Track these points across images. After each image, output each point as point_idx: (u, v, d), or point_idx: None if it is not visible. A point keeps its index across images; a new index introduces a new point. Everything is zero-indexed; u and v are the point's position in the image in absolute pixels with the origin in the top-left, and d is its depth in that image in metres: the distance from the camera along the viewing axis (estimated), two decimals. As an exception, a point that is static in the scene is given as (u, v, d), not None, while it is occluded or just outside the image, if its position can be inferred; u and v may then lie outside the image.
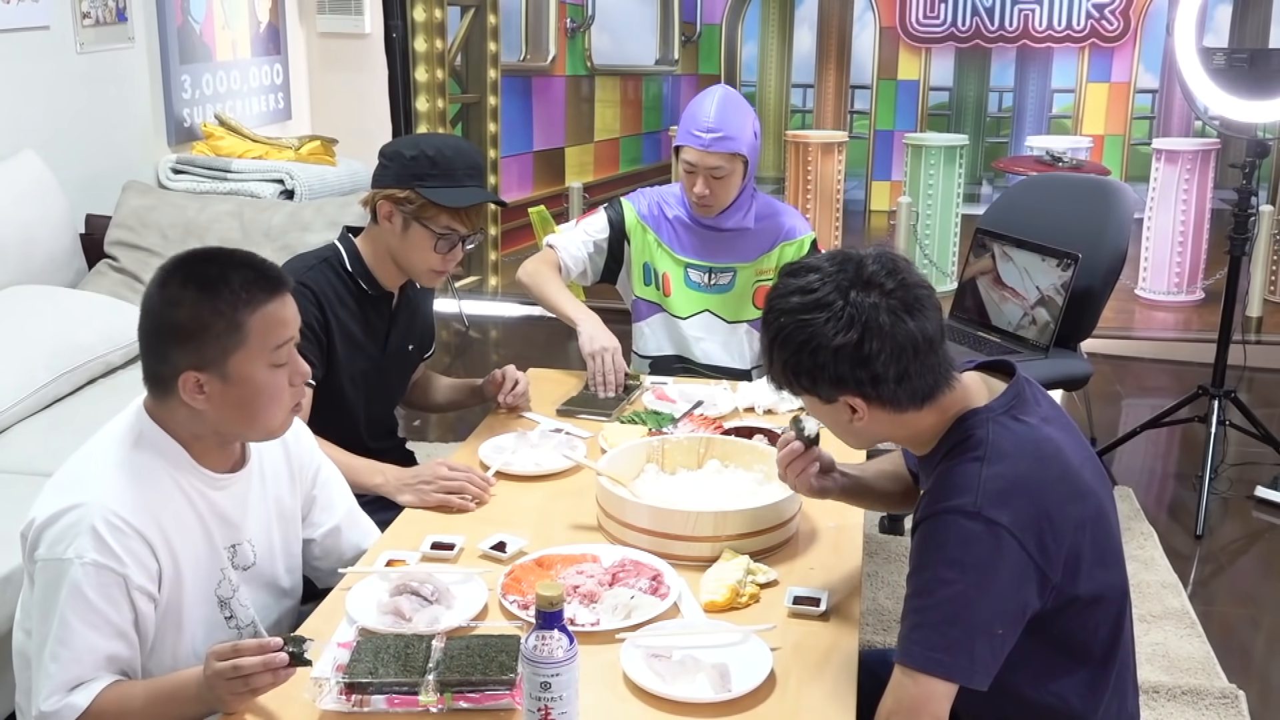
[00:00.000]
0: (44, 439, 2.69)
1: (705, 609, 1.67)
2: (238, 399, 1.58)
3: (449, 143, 2.29)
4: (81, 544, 1.51)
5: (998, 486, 1.43)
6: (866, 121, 6.11)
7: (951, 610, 1.41)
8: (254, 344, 1.57)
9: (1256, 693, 2.67)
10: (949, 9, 5.83)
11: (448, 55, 5.62)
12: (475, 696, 1.43)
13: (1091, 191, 3.57)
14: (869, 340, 1.44)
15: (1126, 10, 5.71)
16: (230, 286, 1.56)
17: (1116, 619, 1.54)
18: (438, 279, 2.31)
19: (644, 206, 2.81)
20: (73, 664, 1.51)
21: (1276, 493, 3.67)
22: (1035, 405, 1.55)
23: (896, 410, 1.50)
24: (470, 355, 5.24)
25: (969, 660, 1.40)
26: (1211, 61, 3.62)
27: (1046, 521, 1.43)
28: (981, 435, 1.48)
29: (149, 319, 1.60)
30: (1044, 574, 1.44)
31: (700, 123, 2.62)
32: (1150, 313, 5.69)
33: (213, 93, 4.56)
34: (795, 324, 1.48)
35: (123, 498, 1.55)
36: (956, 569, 1.41)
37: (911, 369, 1.47)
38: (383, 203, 2.21)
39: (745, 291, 2.79)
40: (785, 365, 1.51)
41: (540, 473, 2.14)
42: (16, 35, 3.56)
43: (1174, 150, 5.69)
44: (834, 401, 1.51)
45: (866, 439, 1.62)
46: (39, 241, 3.39)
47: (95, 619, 1.51)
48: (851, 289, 1.46)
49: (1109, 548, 1.54)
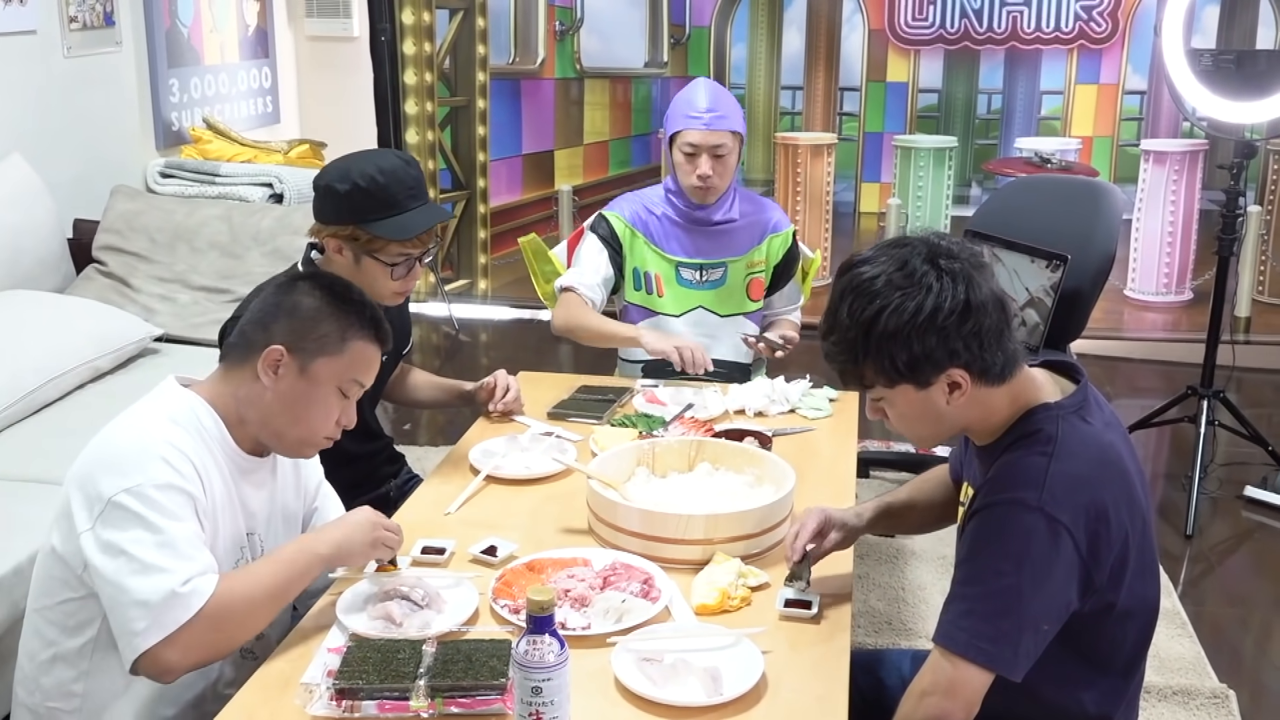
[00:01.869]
0: (33, 444, 2.68)
1: (696, 612, 1.67)
2: (298, 395, 1.67)
3: (383, 167, 2.09)
4: (152, 470, 1.55)
5: (1063, 484, 1.43)
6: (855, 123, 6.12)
7: (1004, 602, 1.41)
8: (343, 362, 1.69)
9: (1247, 692, 2.68)
10: (938, 11, 5.84)
11: (436, 58, 5.61)
12: (466, 701, 1.43)
13: (1080, 193, 3.57)
14: (975, 307, 1.41)
15: (1114, 12, 5.73)
16: (357, 311, 1.71)
17: (1144, 634, 1.55)
18: (400, 299, 2.24)
19: (628, 212, 2.83)
20: (183, 557, 1.52)
21: (1266, 492, 3.68)
22: (1099, 410, 1.55)
23: (990, 382, 1.46)
24: (460, 358, 5.23)
25: (1013, 653, 1.41)
26: (1199, 63, 3.64)
27: (1104, 525, 1.43)
28: (1051, 431, 1.47)
29: (275, 294, 1.71)
30: (1090, 575, 1.44)
31: (696, 106, 2.71)
32: (1139, 313, 5.71)
33: (201, 96, 4.55)
34: (895, 302, 1.41)
35: (176, 437, 1.60)
36: (1013, 561, 1.41)
37: (1005, 330, 1.45)
38: (329, 240, 2.11)
39: (737, 285, 2.83)
40: (883, 351, 1.43)
41: (531, 476, 2.13)
42: (4, 39, 3.54)
43: (1162, 151, 5.71)
44: (933, 383, 1.45)
45: (951, 425, 1.53)
46: (26, 246, 3.38)
47: (186, 529, 1.54)
48: (936, 257, 1.44)
49: (1149, 562, 1.54)
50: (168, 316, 3.42)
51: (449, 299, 5.51)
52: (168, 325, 3.36)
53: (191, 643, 1.50)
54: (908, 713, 1.45)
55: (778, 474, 1.98)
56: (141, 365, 3.18)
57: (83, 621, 1.60)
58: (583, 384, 2.63)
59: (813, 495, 2.02)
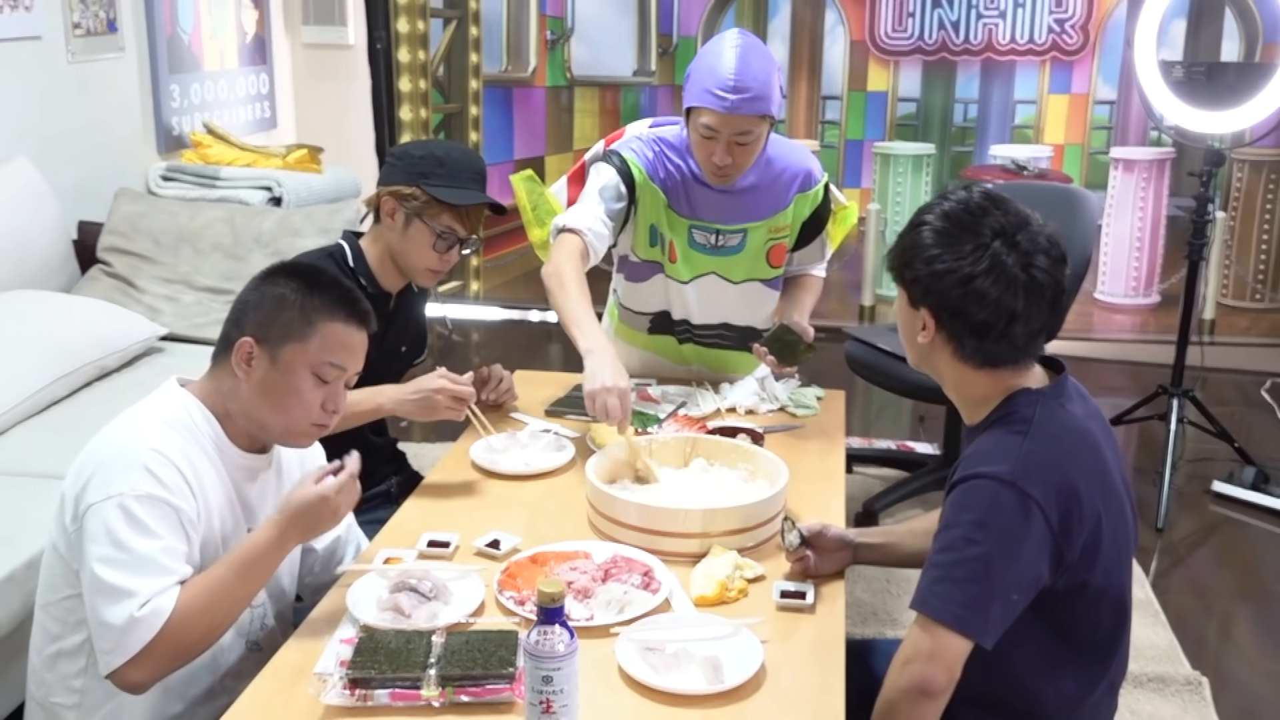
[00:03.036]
0: (40, 442, 2.66)
1: (695, 603, 1.67)
2: (272, 385, 1.64)
3: (456, 147, 2.30)
4: (134, 479, 1.53)
5: (1036, 462, 1.46)
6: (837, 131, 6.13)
7: (975, 569, 1.44)
8: (311, 346, 1.64)
9: (1213, 677, 2.70)
10: (916, 23, 5.86)
11: (430, 66, 5.60)
12: (476, 690, 1.43)
13: (1057, 199, 3.59)
14: (979, 284, 1.49)
15: (1085, 25, 5.76)
16: (323, 294, 1.66)
17: (1118, 618, 1.56)
18: (434, 278, 2.31)
19: (649, 164, 2.38)
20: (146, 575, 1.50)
21: (1232, 487, 3.71)
22: (1081, 400, 1.59)
23: (959, 358, 1.56)
24: (453, 358, 5.22)
25: (984, 618, 1.43)
26: (1171, 74, 3.66)
27: (1075, 504, 1.46)
28: (1028, 413, 1.52)
29: (248, 289, 1.69)
30: (1061, 551, 1.46)
31: (722, 79, 2.16)
32: (1109, 315, 5.75)
33: (201, 102, 4.52)
34: (935, 229, 1.53)
35: (166, 443, 1.59)
36: (984, 531, 1.44)
37: (994, 330, 1.51)
38: (387, 199, 2.22)
39: (758, 252, 2.46)
40: (902, 253, 1.57)
41: (530, 472, 2.13)
42: (9, 45, 3.52)
43: (1131, 159, 5.75)
44: (916, 308, 1.57)
45: (921, 357, 1.63)
46: (33, 247, 3.36)
47: (156, 543, 1.52)
48: (999, 238, 1.50)
49: (1125, 549, 1.57)
50: (172, 316, 3.40)
51: (443, 300, 5.50)
52: (172, 325, 3.34)
53: (155, 660, 1.50)
54: (893, 680, 1.47)
55: (771, 469, 1.99)
56: (147, 364, 3.16)
57: (82, 619, 1.59)
58: (578, 382, 2.62)
59: (805, 489, 2.03)
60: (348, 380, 1.71)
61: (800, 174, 2.43)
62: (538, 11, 6.17)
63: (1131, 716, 2.53)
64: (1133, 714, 2.53)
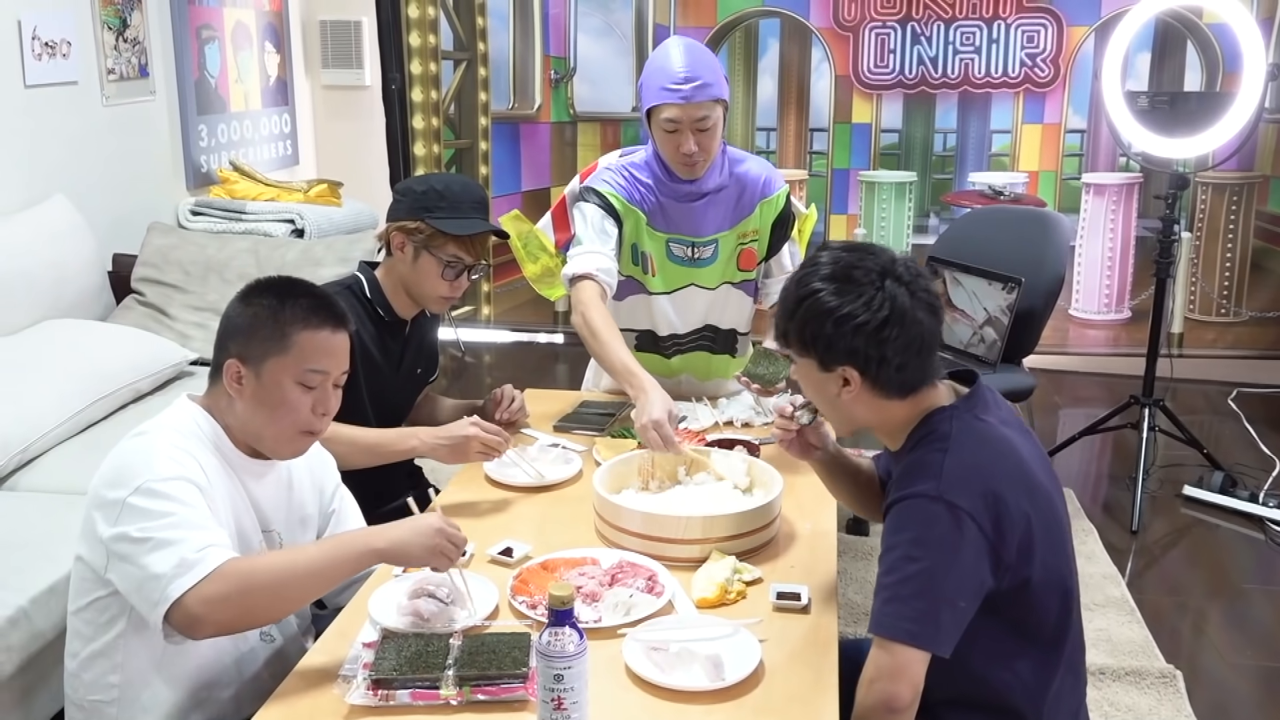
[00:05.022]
0: (78, 461, 2.67)
1: (697, 605, 1.68)
2: (262, 399, 1.63)
3: (456, 179, 2.30)
4: (156, 467, 1.53)
5: (958, 474, 1.46)
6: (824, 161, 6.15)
7: (919, 584, 1.43)
8: (292, 358, 1.62)
9: (1187, 670, 2.70)
10: (897, 59, 5.89)
11: (442, 105, 5.63)
12: (492, 689, 1.43)
13: (1031, 222, 3.62)
14: (892, 325, 1.49)
15: (1056, 59, 5.79)
16: (295, 304, 1.64)
17: (1065, 604, 1.56)
18: (446, 304, 2.32)
19: (625, 190, 2.44)
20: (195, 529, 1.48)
21: (1201, 491, 3.72)
22: (996, 408, 1.58)
23: (882, 395, 1.54)
24: (467, 378, 5.23)
25: (935, 629, 1.42)
26: (1136, 104, 3.69)
27: (1002, 507, 1.45)
28: (945, 429, 1.51)
29: (228, 312, 1.67)
30: (998, 554, 1.46)
31: (673, 75, 2.25)
32: (1083, 330, 5.75)
33: (227, 140, 4.55)
34: (830, 291, 1.51)
35: (180, 450, 1.58)
36: (922, 547, 1.44)
37: (912, 362, 1.52)
38: (395, 234, 2.23)
39: (729, 257, 2.50)
40: (805, 325, 1.53)
41: (540, 484, 2.14)
42: (48, 90, 3.55)
43: (1101, 184, 5.77)
44: (831, 370, 1.54)
45: (845, 417, 1.60)
46: (70, 279, 3.38)
47: (190, 510, 1.50)
48: (885, 277, 1.50)
49: (1059, 539, 1.56)
50: (202, 342, 3.41)
51: (456, 324, 5.51)
52: (202, 350, 3.35)
53: (214, 597, 1.43)
54: (861, 700, 1.45)
55: (766, 479, 2.00)
56: (178, 387, 3.17)
57: (113, 616, 1.60)
58: (584, 399, 2.63)
59: (798, 497, 2.03)
60: (336, 380, 1.68)
61: (761, 181, 2.49)
62: (542, 52, 6.20)
63: (1109, 708, 2.52)
64: (1111, 706, 2.53)
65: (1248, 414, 4.54)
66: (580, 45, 6.18)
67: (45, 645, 2.13)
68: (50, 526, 2.35)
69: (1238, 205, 5.56)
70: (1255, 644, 2.90)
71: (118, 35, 3.86)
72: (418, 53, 5.39)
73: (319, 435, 1.70)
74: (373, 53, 5.17)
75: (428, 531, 1.57)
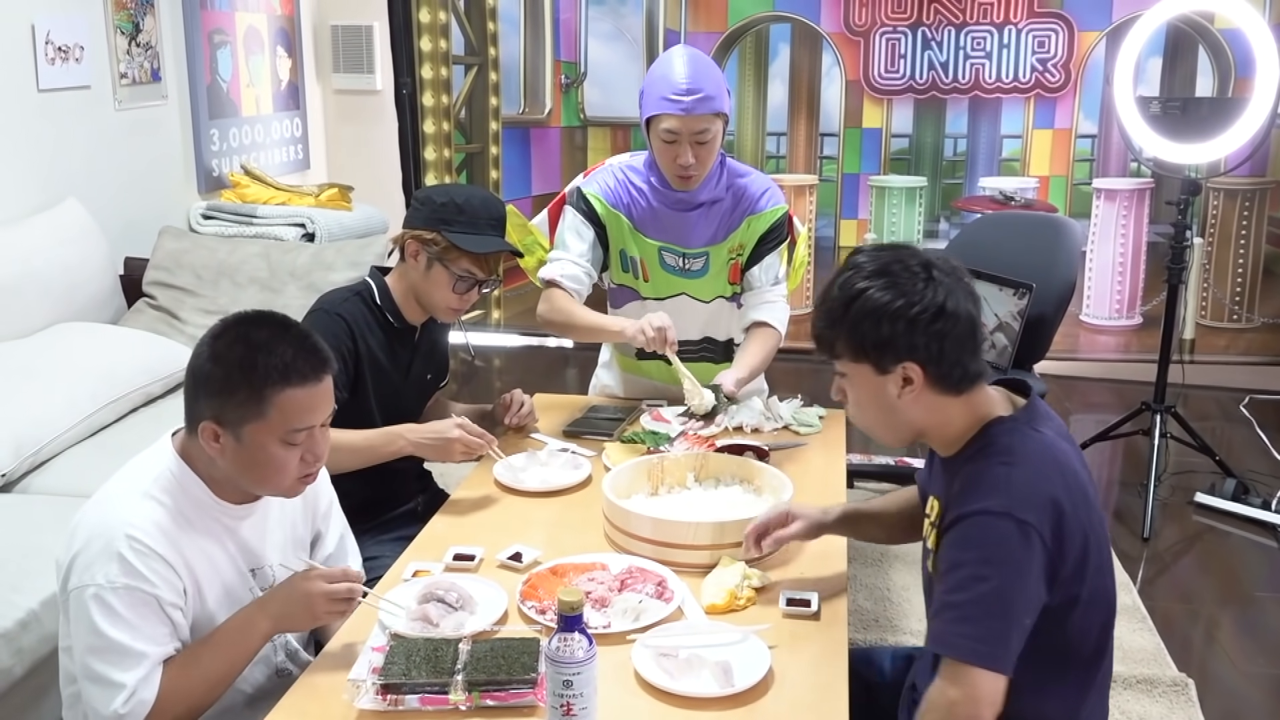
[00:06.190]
0: (90, 464, 2.68)
1: (706, 611, 1.67)
2: (247, 460, 1.55)
3: (476, 194, 2.26)
4: (110, 570, 1.48)
5: (1024, 488, 1.43)
6: (834, 166, 6.14)
7: (990, 605, 1.40)
8: (273, 420, 1.52)
9: (1198, 678, 2.68)
10: (908, 64, 5.88)
11: (453, 109, 5.64)
12: (500, 695, 1.43)
13: (1043, 228, 3.60)
14: (947, 315, 1.45)
15: (1067, 64, 5.77)
16: (269, 361, 1.50)
17: (1105, 624, 1.55)
18: (454, 316, 2.32)
19: (611, 193, 2.46)
20: (129, 662, 1.48)
21: (1213, 498, 3.69)
22: (1050, 421, 1.56)
23: (943, 391, 1.49)
24: (476, 382, 5.23)
25: (1006, 650, 1.40)
26: (1148, 109, 3.67)
27: (1064, 520, 1.43)
28: (1007, 442, 1.48)
29: (195, 362, 1.56)
30: (1056, 569, 1.44)
31: (675, 85, 2.24)
32: (1094, 336, 5.73)
33: (239, 145, 4.57)
34: (879, 287, 1.46)
35: (145, 524, 1.52)
36: (991, 566, 1.41)
37: (968, 350, 1.48)
38: (410, 241, 2.23)
39: (720, 271, 2.52)
40: (857, 326, 1.47)
41: (550, 489, 2.14)
42: (61, 94, 3.57)
43: (1112, 189, 5.75)
44: (890, 371, 1.47)
45: (903, 421, 1.53)
46: (82, 282, 3.39)
47: (135, 633, 1.49)
48: (932, 268, 1.48)
49: (1105, 557, 1.54)
50: (212, 345, 3.42)
51: (465, 328, 5.52)
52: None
53: None
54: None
55: (776, 484, 1.99)
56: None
57: None
58: (593, 404, 2.63)
59: (808, 503, 2.02)
60: (324, 423, 1.60)
61: (756, 196, 2.47)
62: (552, 57, 6.21)
63: (1121, 717, 2.51)
64: (1122, 714, 2.52)
65: (1260, 420, 4.52)
66: (591, 50, 6.18)
67: (56, 649, 2.13)
68: (62, 530, 2.33)
69: (1250, 211, 5.54)
70: (1268, 652, 2.88)
71: (130, 40, 3.87)
72: (429, 57, 5.40)
73: (317, 474, 1.64)
74: (384, 57, 5.18)
75: (299, 595, 1.56)
